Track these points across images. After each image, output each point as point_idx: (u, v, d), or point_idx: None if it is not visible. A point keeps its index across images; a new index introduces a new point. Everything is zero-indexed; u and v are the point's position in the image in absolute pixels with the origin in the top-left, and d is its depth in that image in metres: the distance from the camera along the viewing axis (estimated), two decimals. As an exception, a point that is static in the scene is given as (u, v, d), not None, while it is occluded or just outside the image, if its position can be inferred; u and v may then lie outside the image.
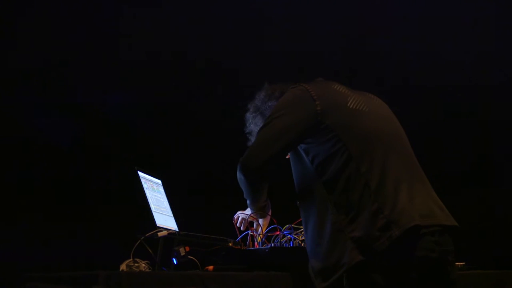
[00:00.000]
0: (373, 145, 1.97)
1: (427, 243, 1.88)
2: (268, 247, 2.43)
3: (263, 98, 2.41)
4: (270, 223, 2.52)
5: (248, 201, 2.36)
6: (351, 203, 1.91)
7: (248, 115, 2.48)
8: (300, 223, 2.52)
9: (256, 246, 2.50)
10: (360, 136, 1.97)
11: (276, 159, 2.04)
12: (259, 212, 2.44)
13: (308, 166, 2.02)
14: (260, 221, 2.53)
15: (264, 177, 2.12)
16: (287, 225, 2.51)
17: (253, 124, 2.47)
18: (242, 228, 2.60)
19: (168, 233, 2.42)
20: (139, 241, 2.34)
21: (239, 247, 2.51)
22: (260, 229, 2.51)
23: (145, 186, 2.67)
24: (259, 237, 2.50)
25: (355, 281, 1.88)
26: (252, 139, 2.43)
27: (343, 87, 2.11)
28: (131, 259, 2.26)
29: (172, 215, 2.87)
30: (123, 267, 2.23)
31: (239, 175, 2.10)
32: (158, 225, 2.54)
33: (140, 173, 2.69)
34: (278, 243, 2.46)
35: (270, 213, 2.51)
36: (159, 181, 2.92)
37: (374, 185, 1.90)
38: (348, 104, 2.03)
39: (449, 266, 1.96)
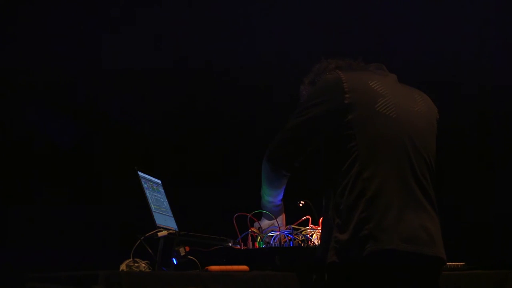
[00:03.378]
0: (383, 153, 1.93)
1: (402, 268, 1.89)
2: (268, 247, 2.43)
3: (317, 70, 2.33)
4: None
5: (263, 200, 2.34)
6: (345, 205, 1.90)
7: (302, 88, 2.39)
8: (300, 224, 2.52)
9: (256, 246, 2.50)
10: (373, 141, 1.94)
11: (302, 149, 2.04)
12: (275, 209, 2.41)
13: (328, 160, 2.02)
14: (279, 219, 2.50)
15: (289, 167, 2.12)
16: (287, 225, 2.50)
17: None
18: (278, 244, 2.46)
19: (168, 233, 2.42)
20: (139, 241, 2.34)
21: (239, 247, 2.50)
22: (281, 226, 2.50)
23: (145, 186, 2.67)
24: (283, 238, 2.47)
25: (332, 281, 1.92)
26: None
27: (382, 85, 2.03)
28: (131, 259, 2.26)
29: (172, 215, 2.87)
30: (123, 267, 2.23)
31: (264, 164, 2.11)
32: (158, 225, 2.54)
33: (140, 173, 2.68)
34: (278, 243, 2.45)
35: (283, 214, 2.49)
36: (159, 181, 2.91)
37: (369, 194, 1.88)
38: (376, 106, 1.98)
39: None
